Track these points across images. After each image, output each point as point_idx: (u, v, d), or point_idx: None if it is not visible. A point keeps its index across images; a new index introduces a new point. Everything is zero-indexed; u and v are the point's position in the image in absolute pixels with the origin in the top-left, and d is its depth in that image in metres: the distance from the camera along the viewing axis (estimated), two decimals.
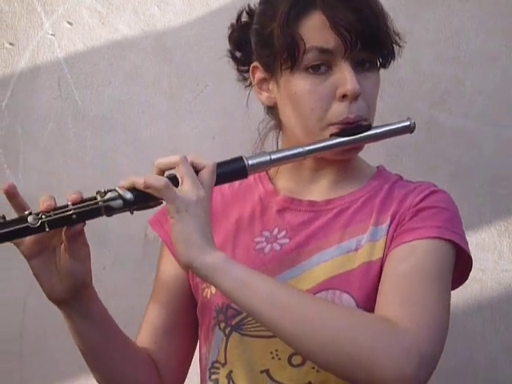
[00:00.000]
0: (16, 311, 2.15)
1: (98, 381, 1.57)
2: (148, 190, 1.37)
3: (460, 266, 1.49)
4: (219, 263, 1.36)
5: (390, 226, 1.48)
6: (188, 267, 1.38)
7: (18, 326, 2.15)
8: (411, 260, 1.43)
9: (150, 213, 1.57)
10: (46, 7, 2.18)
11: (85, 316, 1.48)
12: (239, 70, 1.62)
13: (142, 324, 1.63)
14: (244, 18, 1.61)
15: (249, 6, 1.60)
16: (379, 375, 1.31)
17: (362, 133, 1.49)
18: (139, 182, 1.37)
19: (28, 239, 1.39)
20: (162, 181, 1.36)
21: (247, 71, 1.60)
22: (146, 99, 2.18)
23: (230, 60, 1.64)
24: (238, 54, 1.61)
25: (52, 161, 2.16)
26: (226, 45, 1.65)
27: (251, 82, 1.60)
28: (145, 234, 2.15)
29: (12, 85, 2.18)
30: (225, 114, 2.17)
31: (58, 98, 2.18)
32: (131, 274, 2.15)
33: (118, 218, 1.44)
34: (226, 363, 1.51)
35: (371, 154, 1.60)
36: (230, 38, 1.62)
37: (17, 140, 2.17)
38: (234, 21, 1.62)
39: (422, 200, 1.49)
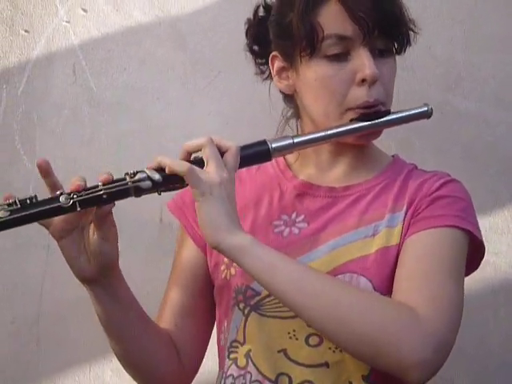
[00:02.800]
0: (33, 296, 2.16)
1: (119, 359, 1.60)
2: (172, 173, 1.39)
3: (473, 254, 1.52)
4: (245, 244, 1.39)
5: (406, 213, 1.51)
6: (215, 248, 1.41)
7: (35, 310, 2.16)
8: (427, 248, 1.46)
9: (164, 198, 1.59)
10: None
11: (111, 295, 1.51)
12: (257, 63, 1.64)
13: (162, 306, 1.65)
14: (261, 12, 1.63)
15: (265, 1, 1.62)
16: (397, 358, 1.34)
17: (381, 118, 1.51)
18: (165, 162, 1.40)
19: (57, 220, 1.42)
20: (184, 166, 1.39)
21: (264, 64, 1.62)
22: (160, 85, 2.19)
23: (244, 46, 1.66)
24: (255, 48, 1.63)
25: (67, 147, 2.17)
26: (239, 31, 1.67)
27: (269, 75, 1.62)
28: (160, 219, 2.15)
29: (27, 72, 2.18)
30: (238, 99, 2.17)
31: (73, 84, 2.18)
32: (146, 258, 2.16)
33: (132, 203, 1.46)
34: (244, 342, 1.53)
35: (385, 139, 1.61)
36: (248, 33, 1.65)
37: (33, 126, 2.18)
38: (250, 15, 1.65)
39: (437, 189, 1.51)
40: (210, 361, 1.72)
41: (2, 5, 2.19)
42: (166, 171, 1.40)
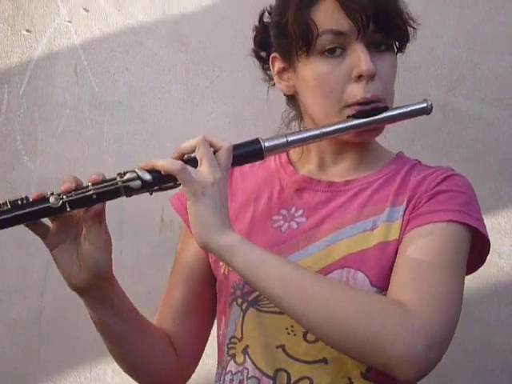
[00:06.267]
0: (35, 292, 2.17)
1: (116, 361, 1.60)
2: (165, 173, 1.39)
3: (477, 249, 1.50)
4: (234, 244, 1.38)
5: (406, 208, 1.49)
6: (204, 248, 1.41)
7: (36, 307, 2.17)
8: (426, 243, 1.44)
9: (166, 198, 1.59)
10: None
11: (105, 303, 1.50)
12: (264, 69, 1.64)
13: (162, 303, 1.65)
14: (265, 18, 1.63)
15: (270, 6, 1.63)
16: (388, 355, 1.33)
17: (378, 114, 1.50)
18: (157, 165, 1.40)
19: (51, 230, 1.42)
20: (177, 165, 1.39)
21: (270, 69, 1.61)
22: (162, 85, 2.19)
23: (245, 46, 1.65)
24: (262, 54, 1.63)
25: (69, 147, 2.17)
26: (241, 31, 1.67)
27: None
28: (161, 218, 2.16)
29: (29, 71, 2.19)
30: (240, 99, 2.18)
31: (75, 84, 2.19)
32: (148, 257, 2.16)
33: (134, 202, 1.46)
34: (242, 338, 1.53)
35: (387, 139, 1.61)
36: (255, 40, 1.64)
37: (34, 126, 2.19)
38: (251, 16, 1.64)
39: (439, 183, 1.49)
40: (211, 359, 1.71)
41: (3, 4, 2.20)
42: (160, 170, 1.40)
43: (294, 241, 1.52)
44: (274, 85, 1.62)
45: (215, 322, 1.64)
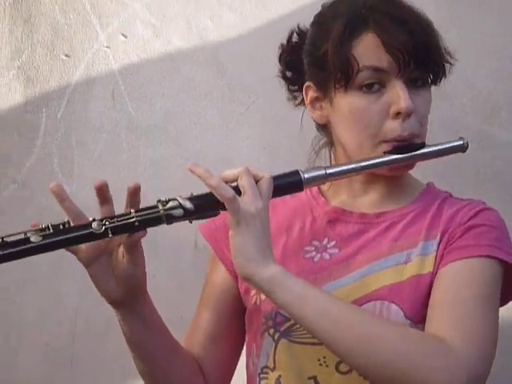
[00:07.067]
0: (69, 314, 2.18)
1: (140, 374, 1.61)
2: (215, 194, 1.40)
3: (508, 282, 1.50)
4: (276, 278, 1.40)
5: (440, 242, 1.50)
6: (246, 280, 1.43)
7: (70, 328, 2.18)
8: (461, 278, 1.45)
9: (199, 222, 1.59)
10: (102, 20, 2.21)
11: (139, 317, 1.52)
12: (290, 90, 1.65)
13: (191, 328, 1.66)
14: (294, 38, 1.64)
15: (298, 26, 1.63)
16: None
17: (415, 151, 1.50)
18: (212, 183, 1.40)
19: (85, 246, 1.43)
20: (230, 192, 1.40)
21: (297, 90, 1.62)
22: (198, 111, 2.20)
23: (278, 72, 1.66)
24: (288, 74, 1.64)
25: (105, 171, 2.19)
26: (276, 58, 1.67)
27: (301, 101, 1.62)
28: (195, 243, 2.16)
29: (67, 96, 2.21)
30: (275, 125, 2.18)
31: (112, 108, 2.21)
32: (181, 282, 2.17)
33: (168, 226, 1.47)
34: (274, 368, 1.53)
35: (420, 166, 1.60)
36: (281, 59, 1.65)
37: (71, 150, 2.21)
38: (283, 41, 1.65)
39: (472, 218, 1.50)
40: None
41: (43, 29, 2.22)
42: (213, 190, 1.40)
43: (327, 271, 1.53)
44: (299, 104, 1.64)
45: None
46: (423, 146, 1.52)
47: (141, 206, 1.43)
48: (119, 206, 1.44)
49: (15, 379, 2.20)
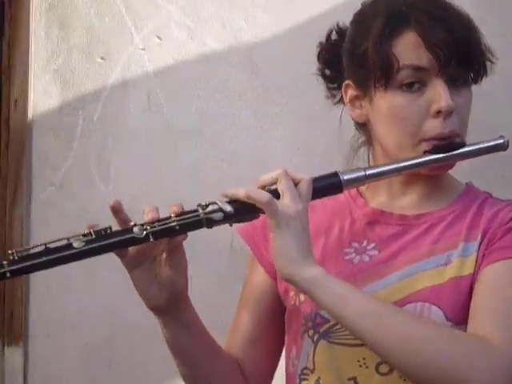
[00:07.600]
0: (107, 320, 2.20)
1: (183, 378, 1.60)
2: (250, 202, 1.40)
3: None
4: (318, 278, 1.40)
5: (481, 243, 1.49)
6: (287, 281, 1.42)
7: (108, 333, 2.19)
8: (502, 278, 1.44)
9: (235, 225, 1.60)
10: (137, 22, 2.22)
11: (181, 324, 1.52)
12: (328, 88, 1.64)
13: (231, 331, 1.66)
14: (333, 36, 1.63)
15: (338, 24, 1.63)
16: None
17: (455, 150, 1.50)
18: (241, 194, 1.41)
19: (131, 251, 1.44)
20: (265, 196, 1.40)
21: (336, 88, 1.62)
22: (233, 112, 2.21)
23: (316, 70, 1.66)
24: (327, 72, 1.64)
25: (142, 173, 2.20)
26: (312, 58, 1.67)
27: (340, 99, 1.62)
28: (231, 244, 2.17)
29: (103, 98, 2.23)
30: (309, 126, 2.18)
31: (148, 110, 2.22)
32: (218, 284, 2.18)
33: (203, 229, 1.47)
34: (314, 370, 1.53)
35: (456, 168, 1.59)
36: (320, 57, 1.64)
37: (108, 152, 2.23)
38: (322, 39, 1.65)
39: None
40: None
41: (78, 33, 2.24)
42: (241, 201, 1.41)
43: (367, 273, 1.53)
44: (337, 102, 1.63)
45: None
46: (463, 145, 1.51)
47: (171, 207, 1.42)
48: (162, 211, 1.44)
49: (55, 379, 2.22)
